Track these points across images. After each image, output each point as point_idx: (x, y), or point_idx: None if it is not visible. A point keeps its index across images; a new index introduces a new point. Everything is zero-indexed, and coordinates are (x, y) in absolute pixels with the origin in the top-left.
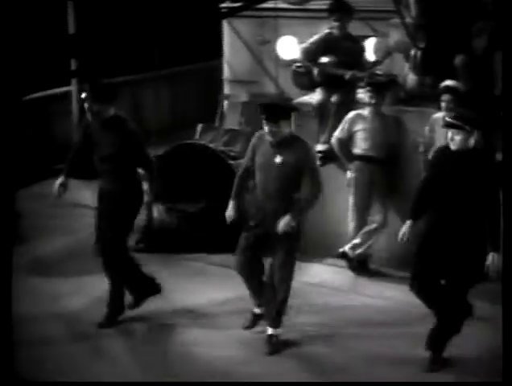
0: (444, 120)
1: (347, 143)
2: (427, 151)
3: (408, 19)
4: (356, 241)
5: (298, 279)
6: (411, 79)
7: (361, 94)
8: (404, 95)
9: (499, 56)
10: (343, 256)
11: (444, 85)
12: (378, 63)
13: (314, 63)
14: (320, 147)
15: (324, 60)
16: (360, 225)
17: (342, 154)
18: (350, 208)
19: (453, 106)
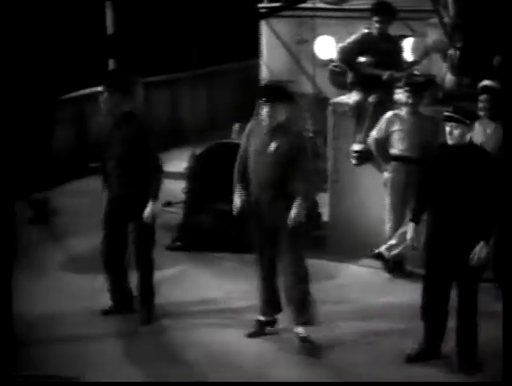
0: (444, 114)
1: (384, 143)
2: None
3: (446, 19)
4: (392, 242)
5: (334, 280)
6: (449, 79)
7: (399, 94)
8: (442, 95)
9: None
10: (379, 257)
11: (482, 85)
12: (416, 63)
13: (351, 63)
14: (357, 147)
15: (362, 60)
16: (396, 226)
17: (379, 155)
18: (387, 209)
19: (491, 106)
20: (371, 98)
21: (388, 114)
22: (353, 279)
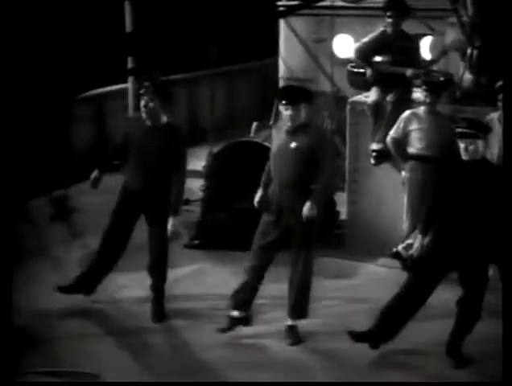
0: (458, 131)
1: (402, 142)
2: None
3: (465, 18)
4: (409, 241)
5: (351, 278)
6: (467, 78)
7: (417, 93)
8: (460, 94)
9: None
10: (396, 255)
11: (500, 85)
12: (434, 61)
13: (368, 62)
14: (375, 146)
15: (378, 59)
16: (414, 225)
17: (397, 154)
18: (405, 208)
19: None
20: (390, 97)
21: (406, 113)
22: (371, 278)
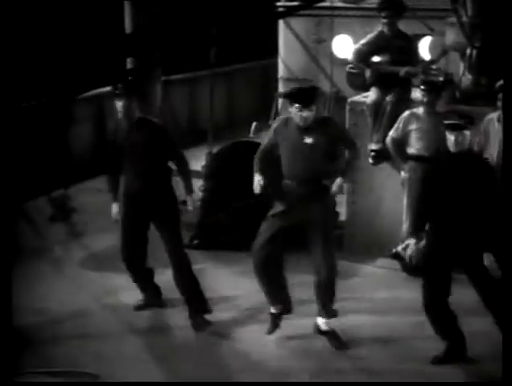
0: (447, 123)
1: (401, 143)
2: (482, 152)
3: (465, 18)
4: (409, 241)
5: (351, 279)
6: (467, 78)
7: (417, 93)
8: (460, 94)
9: None
10: (396, 256)
11: (500, 85)
12: (434, 62)
13: (366, 63)
14: (374, 146)
15: (377, 60)
16: None
17: (397, 154)
18: (404, 208)
19: None
20: (389, 97)
21: (405, 113)
22: (370, 278)
